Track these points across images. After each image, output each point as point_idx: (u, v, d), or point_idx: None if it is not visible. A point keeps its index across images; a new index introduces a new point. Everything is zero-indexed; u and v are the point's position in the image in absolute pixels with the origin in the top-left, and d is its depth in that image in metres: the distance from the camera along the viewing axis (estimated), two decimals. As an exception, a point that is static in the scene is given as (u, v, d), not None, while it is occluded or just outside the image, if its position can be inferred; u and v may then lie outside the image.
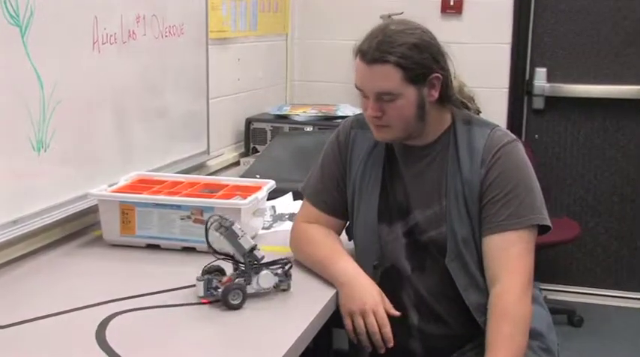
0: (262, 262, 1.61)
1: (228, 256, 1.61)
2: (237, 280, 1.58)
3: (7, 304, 1.58)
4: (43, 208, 1.88)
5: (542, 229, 1.68)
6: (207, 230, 1.60)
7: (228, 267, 1.63)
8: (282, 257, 1.65)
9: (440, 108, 1.70)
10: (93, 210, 2.00)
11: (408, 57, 1.59)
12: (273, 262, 1.63)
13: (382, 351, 1.64)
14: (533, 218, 1.65)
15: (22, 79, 1.77)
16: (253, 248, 1.59)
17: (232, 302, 1.54)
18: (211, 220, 1.60)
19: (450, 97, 1.70)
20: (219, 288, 1.57)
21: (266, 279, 1.59)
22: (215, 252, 1.61)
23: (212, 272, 1.62)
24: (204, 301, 1.57)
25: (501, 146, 1.67)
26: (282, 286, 1.63)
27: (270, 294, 1.64)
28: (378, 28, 1.65)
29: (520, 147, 1.70)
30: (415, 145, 1.72)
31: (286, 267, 1.63)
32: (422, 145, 1.72)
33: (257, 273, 1.59)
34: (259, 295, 1.60)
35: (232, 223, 1.59)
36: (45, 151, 1.85)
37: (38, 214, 1.86)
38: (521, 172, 1.67)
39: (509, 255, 1.63)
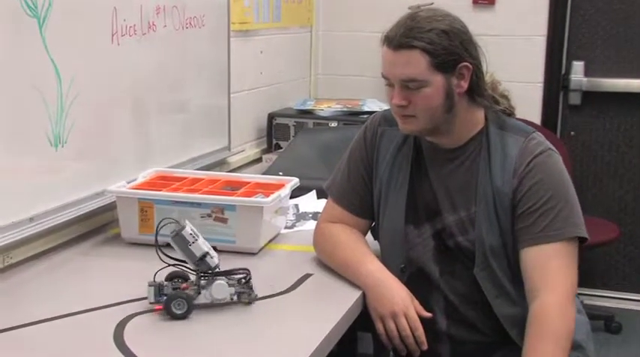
0: (216, 270, 1.55)
1: (180, 262, 1.57)
2: (191, 289, 1.54)
3: (23, 303, 1.60)
4: (60, 205, 1.90)
5: (580, 241, 1.66)
6: (157, 234, 1.55)
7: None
8: (241, 267, 1.59)
9: (470, 104, 1.69)
10: (111, 207, 2.02)
11: (436, 43, 1.59)
12: (230, 272, 1.57)
13: (417, 354, 1.64)
14: (570, 230, 1.63)
15: (39, 73, 1.79)
16: (204, 255, 1.54)
17: (175, 312, 1.50)
18: (162, 223, 1.56)
19: (482, 92, 1.68)
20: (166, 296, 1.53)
21: (219, 289, 1.54)
22: (169, 257, 1.57)
23: (174, 279, 1.57)
24: (157, 307, 1.52)
25: (535, 156, 1.65)
26: (244, 298, 1.57)
27: (291, 296, 1.64)
28: (407, 15, 1.65)
29: (556, 156, 1.68)
30: (444, 147, 1.72)
31: (246, 278, 1.58)
32: (451, 148, 1.71)
33: (211, 283, 1.54)
34: (215, 306, 1.55)
35: (182, 228, 1.54)
36: (62, 146, 1.88)
37: (55, 212, 1.88)
38: (557, 182, 1.65)
39: (548, 269, 1.61)
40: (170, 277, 1.58)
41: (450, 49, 1.60)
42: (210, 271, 1.55)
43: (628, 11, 3.45)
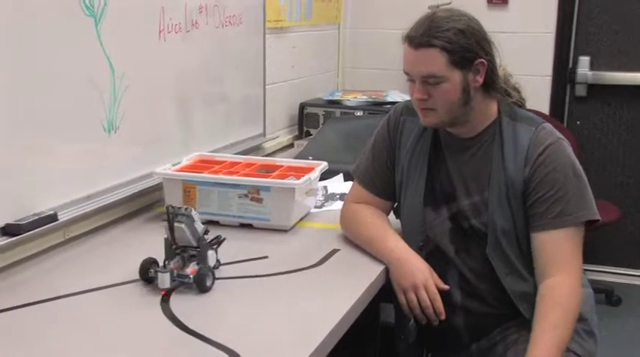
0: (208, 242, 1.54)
1: (187, 247, 1.52)
2: (197, 265, 1.51)
3: (81, 273, 1.63)
4: (113, 186, 1.92)
5: (591, 222, 1.64)
6: (172, 225, 1.50)
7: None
8: (214, 236, 1.57)
9: (485, 96, 1.67)
10: (158, 188, 2.03)
11: (454, 42, 1.57)
12: (210, 242, 1.56)
13: (436, 323, 1.64)
14: (583, 215, 1.61)
15: (95, 67, 1.80)
16: (206, 232, 1.53)
17: (207, 285, 1.49)
18: (170, 214, 1.50)
19: (495, 85, 1.66)
20: (186, 276, 1.49)
21: (212, 258, 1.54)
22: (177, 245, 1.52)
23: (150, 264, 1.52)
24: (164, 292, 1.48)
25: (547, 146, 1.62)
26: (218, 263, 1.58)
27: (320, 269, 1.65)
28: (426, 15, 1.63)
29: (566, 145, 1.65)
30: (460, 136, 1.70)
31: (221, 242, 1.57)
32: (467, 137, 1.69)
33: (205, 253, 1.53)
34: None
35: (190, 209, 1.52)
36: (115, 132, 1.89)
37: (108, 191, 1.90)
38: (568, 169, 1.62)
39: (560, 252, 1.59)
40: (152, 262, 1.53)
41: (466, 47, 1.58)
42: (213, 241, 1.55)
43: (631, 10, 3.39)
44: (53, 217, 1.68)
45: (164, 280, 1.48)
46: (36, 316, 1.41)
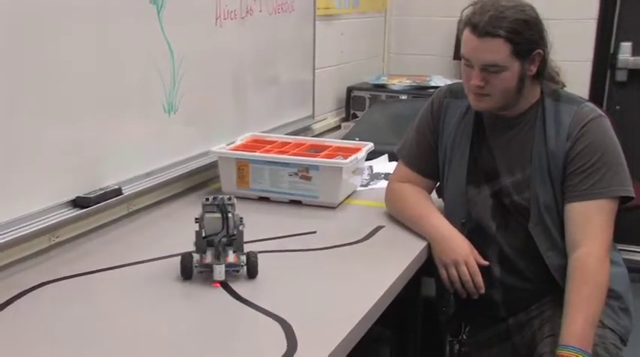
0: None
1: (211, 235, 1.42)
2: (234, 253, 1.43)
3: (142, 243, 1.66)
4: (172, 163, 1.94)
5: (625, 200, 1.61)
6: (203, 215, 1.40)
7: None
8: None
9: (533, 82, 1.65)
10: (213, 165, 2.05)
11: (518, 33, 1.54)
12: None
13: (475, 297, 1.64)
14: (616, 190, 1.58)
15: (157, 51, 1.82)
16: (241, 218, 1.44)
17: (256, 269, 1.43)
18: (209, 202, 1.41)
19: (544, 72, 1.64)
20: (236, 264, 1.41)
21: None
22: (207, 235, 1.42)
23: (191, 261, 1.43)
24: (217, 284, 1.40)
25: (588, 121, 1.60)
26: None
27: (365, 245, 1.65)
28: (489, 2, 1.58)
29: (606, 122, 1.62)
30: (504, 116, 1.68)
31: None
32: (510, 116, 1.67)
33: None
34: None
35: (230, 197, 1.43)
36: (174, 113, 1.91)
37: (167, 168, 1.92)
38: (606, 145, 1.59)
39: (591, 223, 1.56)
40: (190, 257, 1.43)
41: (529, 39, 1.56)
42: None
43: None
44: (118, 192, 1.72)
45: (220, 272, 1.40)
46: (103, 281, 1.45)
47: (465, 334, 1.77)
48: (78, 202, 1.62)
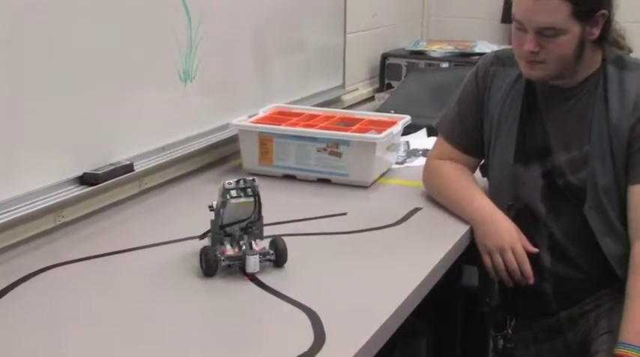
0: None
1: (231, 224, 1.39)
2: (254, 241, 1.40)
3: (155, 223, 1.67)
4: (188, 137, 1.94)
5: None
6: (226, 199, 1.35)
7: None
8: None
9: (594, 47, 1.60)
10: (234, 139, 2.05)
11: None
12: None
13: (523, 284, 1.62)
14: None
15: (173, 15, 1.82)
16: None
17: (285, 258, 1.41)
18: (232, 186, 1.36)
19: (608, 36, 1.60)
20: (267, 252, 1.39)
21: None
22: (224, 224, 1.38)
23: (214, 255, 1.37)
24: (248, 277, 1.37)
25: None
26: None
27: (401, 228, 1.64)
28: None
29: None
30: (560, 86, 1.64)
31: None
32: (567, 86, 1.63)
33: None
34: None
35: (254, 178, 1.39)
36: (191, 82, 1.90)
37: (184, 142, 1.92)
38: None
39: None
40: (207, 252, 1.39)
41: None
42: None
43: None
44: (129, 168, 1.72)
45: (255, 264, 1.35)
46: (112, 266, 1.45)
47: (511, 328, 1.75)
48: (85, 179, 1.62)
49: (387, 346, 1.25)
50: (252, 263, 1.36)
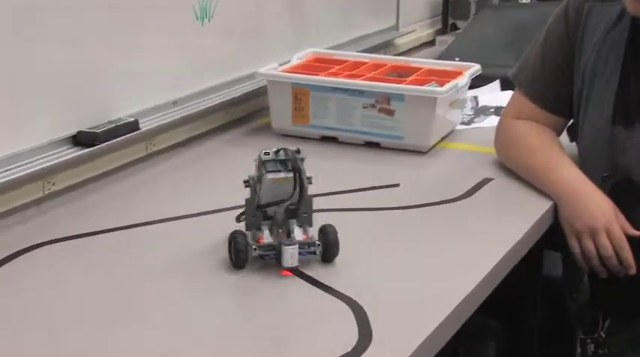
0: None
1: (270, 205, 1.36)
2: (301, 227, 1.38)
3: (165, 194, 1.68)
4: (206, 89, 1.96)
5: None
6: (261, 174, 1.34)
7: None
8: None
9: None
10: (261, 92, 2.06)
11: None
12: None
13: (620, 275, 1.62)
14: None
15: None
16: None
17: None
18: (270, 157, 1.35)
19: None
20: (312, 243, 1.36)
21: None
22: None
23: (245, 244, 1.35)
24: (286, 272, 1.34)
25: None
26: None
27: (466, 204, 1.65)
28: None
29: None
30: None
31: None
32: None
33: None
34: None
35: (299, 149, 1.36)
36: (209, 21, 1.92)
37: (200, 95, 1.94)
38: None
39: None
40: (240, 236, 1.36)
41: None
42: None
43: None
44: (134, 126, 1.73)
45: (293, 257, 1.33)
46: (113, 245, 1.46)
47: (604, 330, 1.74)
48: (80, 139, 1.64)
49: (447, 349, 1.26)
50: (289, 256, 1.33)
